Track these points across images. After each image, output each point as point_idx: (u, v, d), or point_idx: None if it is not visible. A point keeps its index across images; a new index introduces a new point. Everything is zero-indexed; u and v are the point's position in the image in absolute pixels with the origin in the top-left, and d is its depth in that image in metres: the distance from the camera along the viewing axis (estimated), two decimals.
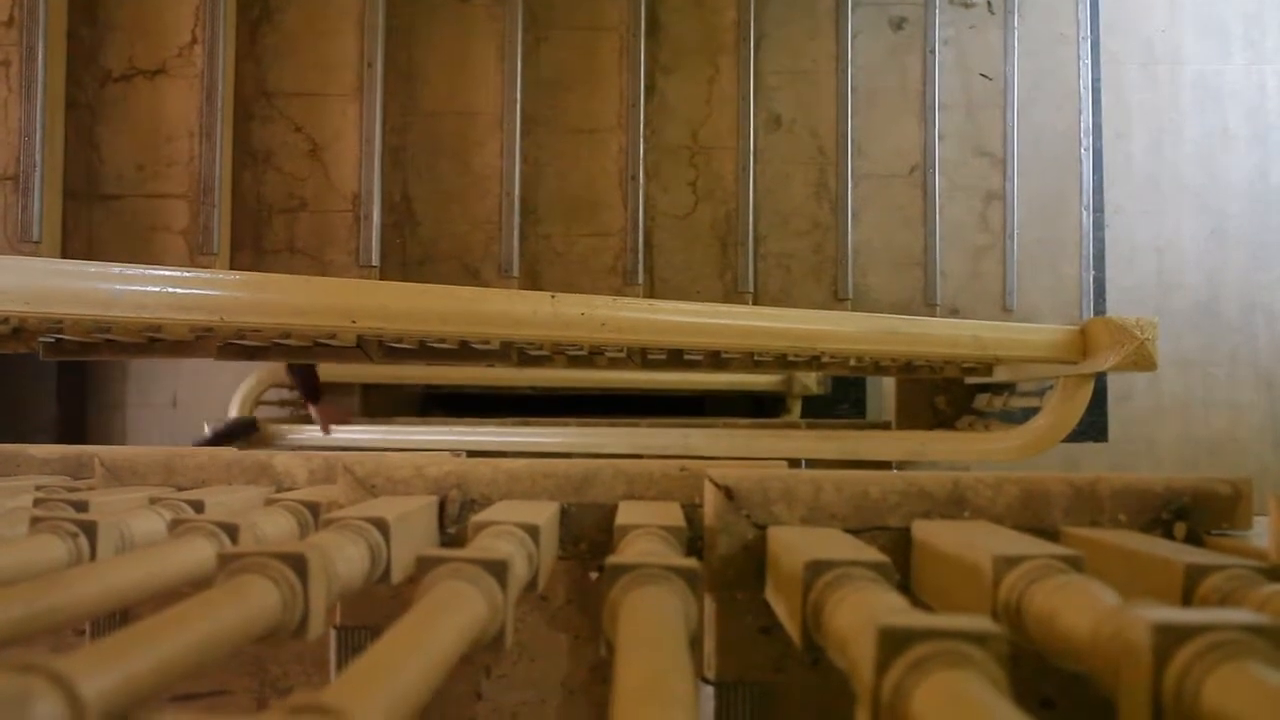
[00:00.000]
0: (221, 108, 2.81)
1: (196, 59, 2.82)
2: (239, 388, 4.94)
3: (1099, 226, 4.20)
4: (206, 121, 2.78)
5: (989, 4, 3.85)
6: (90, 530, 0.93)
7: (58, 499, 1.14)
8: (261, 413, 5.06)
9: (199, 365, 5.04)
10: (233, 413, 4.95)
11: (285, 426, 4.91)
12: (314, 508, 1.15)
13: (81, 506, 1.12)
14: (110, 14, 2.84)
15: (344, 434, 4.76)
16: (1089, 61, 3.94)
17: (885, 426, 4.81)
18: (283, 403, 5.37)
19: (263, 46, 2.99)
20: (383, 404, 5.62)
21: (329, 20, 3.00)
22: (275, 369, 4.88)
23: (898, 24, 3.70)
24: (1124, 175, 4.62)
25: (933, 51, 3.64)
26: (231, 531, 0.94)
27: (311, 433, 4.81)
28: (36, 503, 1.15)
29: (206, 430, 4.79)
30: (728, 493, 1.03)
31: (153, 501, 1.16)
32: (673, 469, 1.19)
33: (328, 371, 4.89)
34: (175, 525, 0.96)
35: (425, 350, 3.04)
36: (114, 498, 1.21)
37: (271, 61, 2.98)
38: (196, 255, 2.73)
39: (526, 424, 4.79)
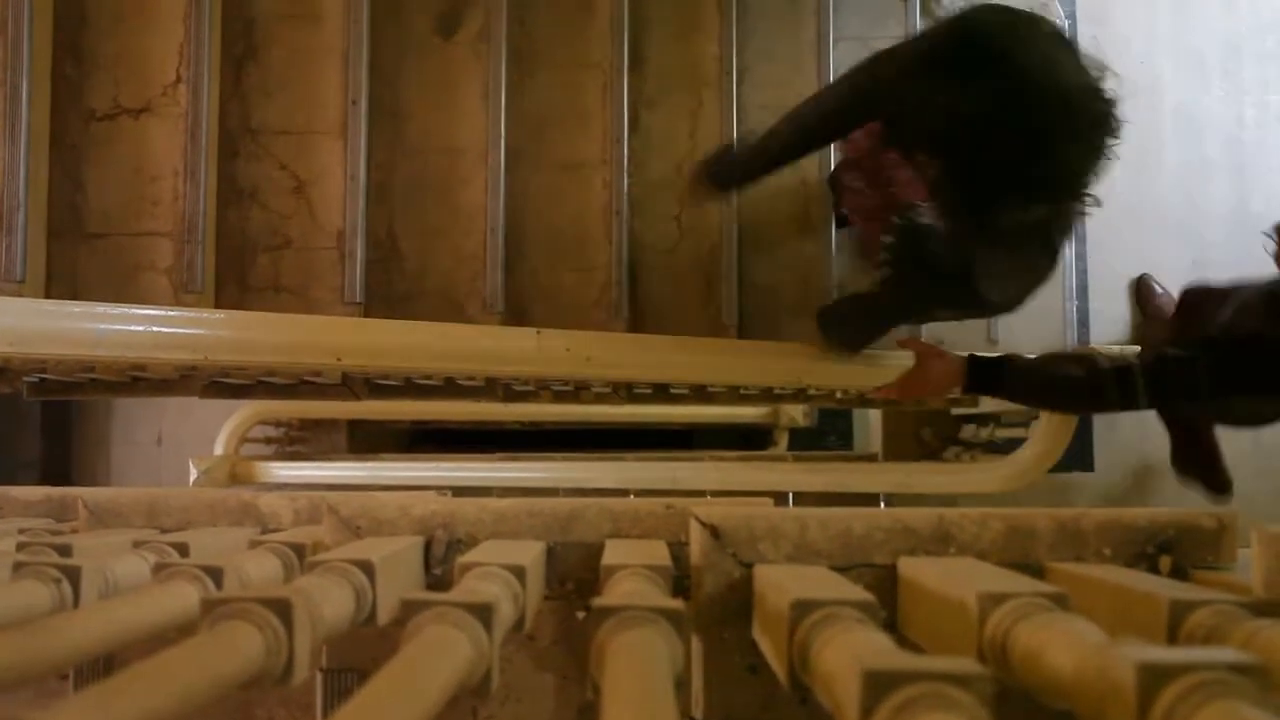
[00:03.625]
0: (206, 146, 2.81)
1: (181, 97, 2.82)
2: (225, 424, 4.92)
3: (1081, 257, 4.22)
4: (191, 160, 2.79)
5: None
6: (74, 575, 0.93)
7: (42, 543, 1.13)
8: (247, 450, 5.05)
9: (184, 402, 5.01)
10: (218, 450, 4.93)
11: (273, 463, 4.89)
12: (299, 549, 1.15)
13: (65, 550, 1.11)
14: (95, 53, 2.84)
15: (331, 471, 4.75)
16: None
17: (872, 458, 4.82)
18: (268, 440, 5.36)
19: (247, 84, 3.00)
20: (369, 440, 5.61)
21: (313, 58, 3.02)
22: (261, 406, 4.86)
23: None
24: (1105, 205, 4.63)
25: None
26: (216, 575, 0.93)
27: (298, 471, 4.80)
28: (20, 547, 1.14)
29: None
30: (713, 531, 1.03)
31: (136, 545, 1.16)
32: (658, 507, 1.19)
33: (313, 409, 4.87)
34: (159, 569, 0.96)
35: (411, 386, 3.03)
36: (97, 541, 1.20)
37: (256, 99, 2.99)
38: (181, 293, 2.73)
39: (513, 459, 4.78)
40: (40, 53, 2.69)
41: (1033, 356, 2.79)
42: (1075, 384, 2.67)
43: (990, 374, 2.72)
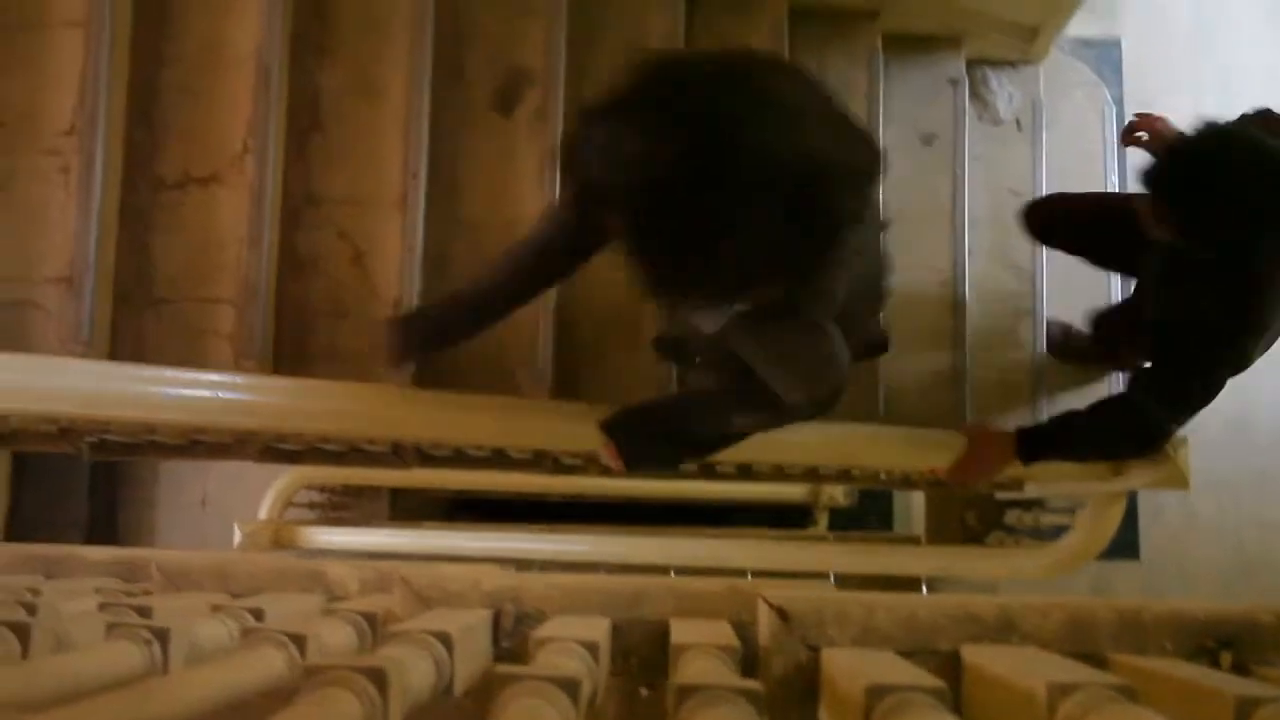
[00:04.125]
0: (269, 214, 2.86)
1: (248, 167, 2.89)
2: (271, 488, 4.96)
3: None
4: (255, 228, 2.84)
5: (1017, 122, 3.93)
6: (164, 637, 0.96)
7: (122, 604, 1.17)
8: (291, 514, 5.08)
9: (229, 465, 5.06)
10: (262, 514, 4.96)
11: (316, 529, 4.93)
12: (371, 618, 1.18)
13: (145, 611, 1.14)
14: (166, 122, 2.92)
15: (374, 539, 4.77)
16: (1116, 176, 4.00)
17: (913, 540, 4.80)
18: (311, 504, 5.39)
19: (311, 154, 3.06)
20: (411, 508, 5.63)
21: (375, 131, 3.08)
22: (306, 471, 4.90)
23: (928, 140, 3.77)
24: None
25: (962, 167, 3.71)
26: (300, 642, 0.96)
27: (341, 537, 4.83)
28: (101, 607, 1.18)
29: None
30: (782, 614, 1.05)
31: (214, 609, 1.19)
32: (720, 587, 1.21)
33: (359, 476, 4.91)
34: (246, 634, 0.99)
35: (461, 457, 3.06)
36: (176, 603, 1.23)
37: (320, 169, 3.05)
38: (241, 359, 2.77)
39: (554, 531, 4.79)
40: (114, 122, 2.77)
41: (1072, 410, 2.80)
42: (1117, 423, 2.69)
43: (1040, 439, 2.74)
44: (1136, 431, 2.76)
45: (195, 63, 2.94)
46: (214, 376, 2.39)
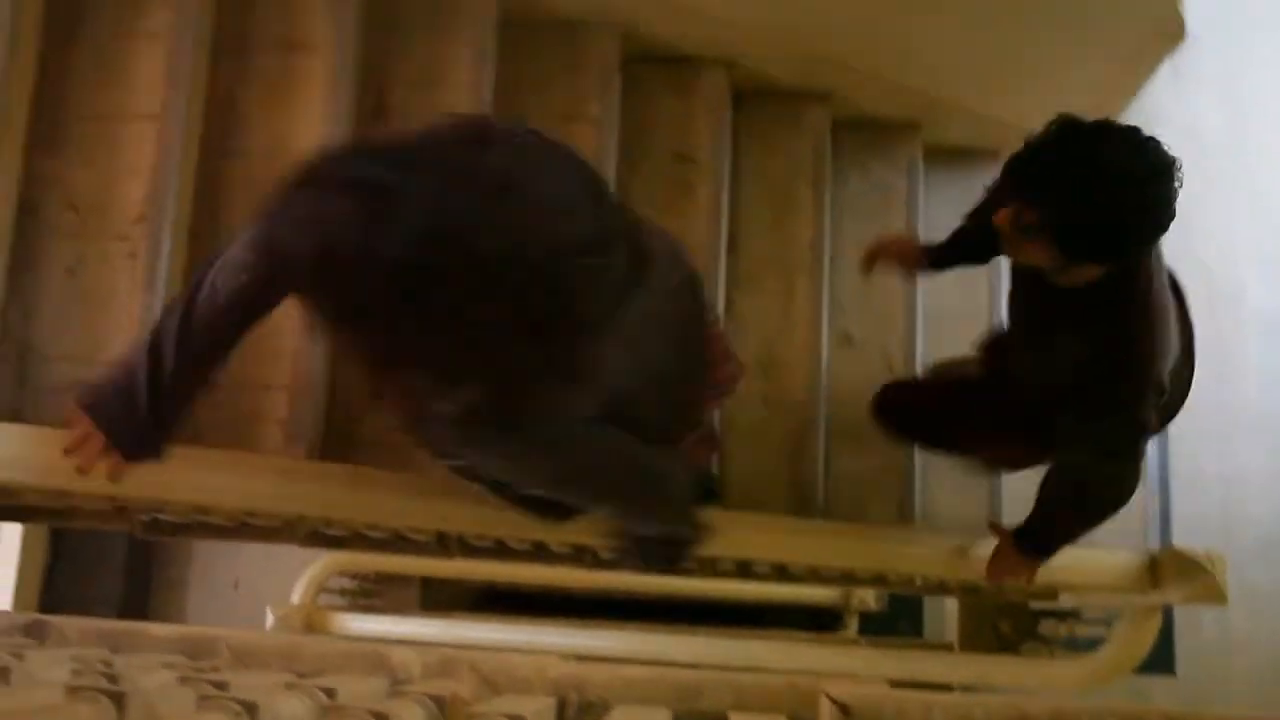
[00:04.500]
0: None
1: None
2: (304, 574, 4.97)
3: (1164, 453, 4.24)
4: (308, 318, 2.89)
5: None
6: (253, 711, 1.00)
7: (201, 678, 1.21)
8: (324, 600, 5.09)
9: (262, 548, 5.09)
10: (295, 598, 4.98)
11: (349, 615, 4.94)
12: (440, 701, 1.21)
13: (222, 687, 1.18)
14: (230, 212, 3.00)
15: (406, 627, 4.78)
16: None
17: (945, 647, 4.77)
18: (342, 591, 5.40)
19: None
20: (441, 598, 5.62)
21: None
22: (341, 557, 4.92)
23: None
24: (1189, 404, 4.64)
25: (998, 274, 3.77)
26: None
27: (374, 625, 4.84)
28: (182, 680, 1.22)
29: None
30: (844, 709, 1.08)
31: (288, 687, 1.23)
32: (777, 683, 1.24)
33: (394, 564, 4.92)
34: (329, 712, 1.03)
35: (502, 548, 3.09)
36: (251, 680, 1.27)
37: None
38: (291, 445, 2.82)
39: (585, 626, 4.78)
40: (182, 211, 2.85)
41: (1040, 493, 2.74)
42: (1070, 495, 2.64)
43: (1032, 532, 2.72)
44: (1093, 489, 2.66)
45: (260, 157, 3.03)
46: (269, 461, 2.44)
